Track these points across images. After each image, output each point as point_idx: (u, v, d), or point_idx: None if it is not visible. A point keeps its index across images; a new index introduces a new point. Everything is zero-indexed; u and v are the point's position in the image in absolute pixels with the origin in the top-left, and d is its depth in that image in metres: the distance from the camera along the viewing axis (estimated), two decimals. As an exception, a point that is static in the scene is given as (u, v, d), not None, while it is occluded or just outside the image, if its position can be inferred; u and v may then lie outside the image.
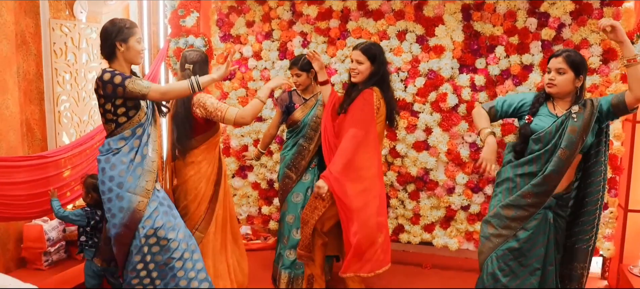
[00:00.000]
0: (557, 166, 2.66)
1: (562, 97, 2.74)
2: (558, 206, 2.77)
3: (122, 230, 2.78)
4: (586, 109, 2.67)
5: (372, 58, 3.22)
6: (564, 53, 2.70)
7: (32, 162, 3.49)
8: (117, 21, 2.80)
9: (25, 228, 3.80)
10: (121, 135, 2.77)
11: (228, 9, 4.59)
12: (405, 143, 4.21)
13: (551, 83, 2.71)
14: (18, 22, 3.80)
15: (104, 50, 2.81)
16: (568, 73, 2.68)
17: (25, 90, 3.89)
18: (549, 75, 2.74)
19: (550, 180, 2.68)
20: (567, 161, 2.65)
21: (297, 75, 3.65)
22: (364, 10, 4.24)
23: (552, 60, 2.73)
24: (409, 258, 4.49)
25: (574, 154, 2.65)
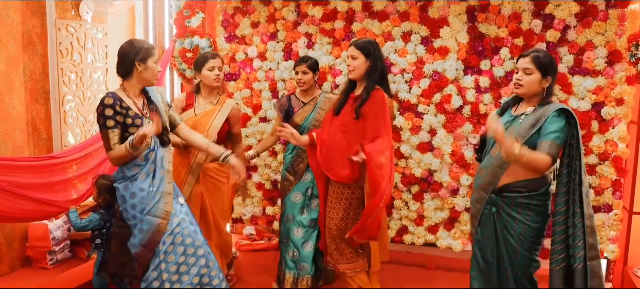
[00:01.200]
0: (487, 161, 2.74)
1: (529, 97, 2.69)
2: (503, 201, 2.67)
3: (141, 250, 2.81)
4: (535, 115, 2.61)
5: (366, 52, 3.19)
6: (532, 54, 2.66)
7: (42, 163, 3.51)
8: (136, 42, 2.84)
9: (30, 227, 3.82)
10: (135, 162, 2.78)
11: (233, 10, 4.60)
12: (409, 144, 4.21)
13: (518, 84, 2.68)
14: (25, 22, 3.82)
15: (120, 69, 2.83)
16: (535, 74, 2.63)
17: (31, 90, 3.91)
18: (516, 75, 2.70)
19: (482, 174, 2.75)
20: (497, 159, 2.65)
21: (304, 72, 3.64)
22: (368, 11, 4.25)
23: (520, 60, 2.68)
24: (413, 259, 4.49)
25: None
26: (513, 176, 2.64)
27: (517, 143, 2.47)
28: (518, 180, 2.63)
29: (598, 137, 3.83)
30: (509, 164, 2.61)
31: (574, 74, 3.86)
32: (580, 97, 3.83)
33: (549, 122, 2.54)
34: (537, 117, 2.59)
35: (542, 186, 2.64)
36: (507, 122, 2.72)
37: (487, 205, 2.75)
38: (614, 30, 3.75)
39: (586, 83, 3.81)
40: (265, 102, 4.57)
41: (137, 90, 2.86)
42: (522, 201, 2.64)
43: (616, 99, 3.77)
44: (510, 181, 2.65)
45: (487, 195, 2.73)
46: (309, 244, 3.66)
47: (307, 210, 3.68)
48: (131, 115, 2.77)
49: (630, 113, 3.78)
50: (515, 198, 2.65)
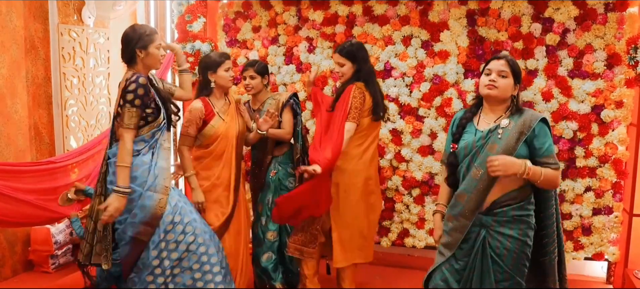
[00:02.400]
0: (468, 185, 2.48)
1: (498, 103, 2.52)
2: (495, 220, 2.46)
3: (142, 228, 2.78)
4: (516, 126, 2.44)
5: (351, 58, 3.33)
6: (507, 57, 2.51)
7: (41, 167, 3.52)
8: (137, 28, 2.85)
9: (32, 231, 3.84)
10: (141, 138, 2.79)
11: (234, 14, 4.63)
12: (410, 148, 4.23)
13: (492, 85, 2.47)
14: (27, 27, 3.85)
15: (124, 56, 2.85)
16: (509, 78, 2.48)
17: (33, 95, 3.94)
18: (489, 76, 2.50)
19: (462, 200, 2.49)
20: (482, 180, 2.44)
21: (252, 77, 3.60)
22: (369, 15, 4.27)
23: (494, 62, 2.51)
24: (414, 263, 4.49)
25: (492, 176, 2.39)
26: (501, 190, 2.44)
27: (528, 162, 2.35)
28: (506, 192, 2.45)
29: (598, 139, 3.85)
30: (495, 181, 2.42)
31: (573, 77, 3.88)
32: (580, 100, 3.85)
33: (541, 137, 2.43)
34: (520, 130, 2.43)
35: (529, 194, 2.48)
36: (481, 139, 2.50)
37: (473, 229, 2.49)
38: (613, 34, 3.77)
39: (586, 86, 3.83)
40: (267, 106, 4.58)
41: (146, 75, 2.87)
42: (514, 214, 2.45)
43: (616, 102, 3.79)
44: (499, 195, 2.45)
45: (470, 222, 2.48)
46: (266, 256, 3.64)
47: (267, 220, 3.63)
48: (152, 98, 2.79)
49: (629, 116, 3.80)
50: (506, 212, 2.45)
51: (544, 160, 2.41)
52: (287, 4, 4.46)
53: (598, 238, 3.93)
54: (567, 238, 3.97)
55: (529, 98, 3.94)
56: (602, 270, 4.17)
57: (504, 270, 2.45)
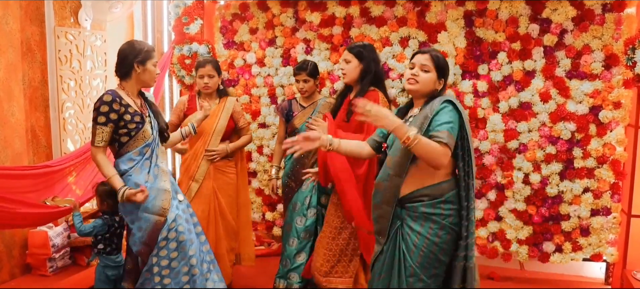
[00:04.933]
0: (383, 173, 2.50)
1: (419, 96, 2.52)
2: (407, 214, 2.45)
3: (142, 248, 2.85)
4: (422, 112, 2.42)
5: (359, 56, 3.20)
6: (431, 52, 2.49)
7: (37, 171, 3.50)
8: (136, 44, 2.87)
9: (30, 234, 3.82)
10: (128, 156, 2.81)
11: (232, 16, 4.62)
12: (408, 149, 4.22)
13: (413, 80, 2.46)
14: (23, 30, 3.84)
15: (119, 70, 2.86)
16: (432, 72, 2.46)
17: (30, 97, 3.93)
18: (411, 70, 2.49)
19: (380, 188, 2.51)
20: (394, 167, 2.43)
21: (305, 80, 3.63)
22: (366, 16, 4.27)
23: (418, 56, 2.50)
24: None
25: (402, 160, 2.40)
26: (414, 184, 2.42)
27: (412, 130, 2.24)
28: (420, 188, 2.41)
29: (596, 140, 3.84)
30: (406, 171, 2.41)
31: (571, 78, 3.87)
32: (578, 101, 3.85)
33: (439, 114, 2.34)
34: (425, 114, 2.38)
35: (447, 192, 2.40)
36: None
37: (394, 219, 2.50)
38: (611, 34, 3.76)
39: (583, 87, 3.82)
40: (264, 107, 4.58)
41: (135, 91, 2.90)
42: (424, 211, 2.40)
43: (614, 102, 3.78)
44: (412, 189, 2.42)
45: (392, 208, 2.48)
46: (301, 256, 3.63)
47: (303, 219, 3.64)
48: (131, 112, 2.79)
49: (627, 116, 3.79)
50: (417, 208, 2.41)
51: (433, 134, 2.29)
52: (284, 5, 4.45)
53: (596, 239, 3.92)
54: (565, 239, 3.96)
55: (527, 99, 3.93)
56: (600, 271, 4.17)
57: (409, 265, 2.41)
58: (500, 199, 4.11)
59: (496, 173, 4.08)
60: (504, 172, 4.05)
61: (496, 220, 4.14)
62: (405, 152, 2.36)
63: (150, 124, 2.90)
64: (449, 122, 2.31)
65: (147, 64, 2.83)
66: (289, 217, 3.71)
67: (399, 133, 2.23)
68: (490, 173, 4.09)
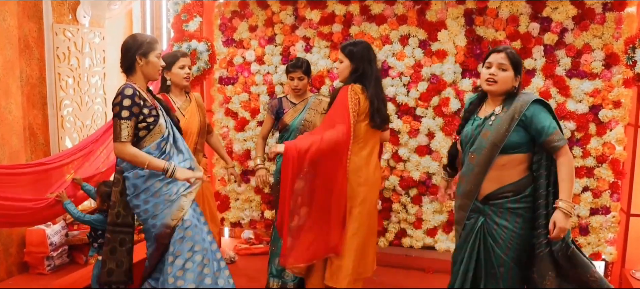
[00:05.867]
0: (467, 169, 2.64)
1: (498, 95, 2.60)
2: (491, 210, 2.58)
3: (164, 230, 2.80)
4: (508, 112, 2.51)
5: (350, 56, 3.14)
6: (506, 50, 2.57)
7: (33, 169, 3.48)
8: (138, 36, 2.83)
9: (27, 232, 3.80)
10: (147, 150, 2.77)
11: (231, 14, 4.60)
12: (407, 148, 4.22)
13: (492, 80, 2.56)
14: (21, 26, 3.81)
15: (123, 64, 2.82)
16: (509, 71, 2.55)
17: (28, 95, 3.90)
18: (489, 70, 2.58)
19: (463, 181, 2.67)
20: (478, 165, 2.56)
21: (300, 78, 3.61)
22: (366, 14, 4.25)
23: (494, 55, 2.58)
24: (412, 263, 4.49)
25: (487, 158, 2.52)
26: (497, 182, 2.55)
27: (567, 216, 2.42)
28: (503, 185, 2.54)
29: (596, 139, 3.84)
30: (490, 169, 2.54)
31: (571, 77, 3.87)
32: (578, 100, 3.84)
33: (536, 116, 2.46)
34: (511, 115, 2.49)
35: (528, 187, 2.54)
36: (478, 127, 2.62)
37: (472, 213, 2.65)
38: (611, 33, 3.77)
39: (584, 86, 3.82)
40: (263, 105, 4.56)
41: (144, 85, 2.85)
42: (510, 207, 2.54)
43: (613, 102, 3.78)
44: (497, 187, 2.55)
45: (471, 202, 2.63)
46: None
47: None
48: (148, 106, 2.76)
49: (627, 116, 3.80)
50: (502, 204, 2.55)
51: (549, 140, 2.44)
52: (283, 3, 4.43)
53: (595, 238, 3.92)
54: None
55: (526, 98, 3.92)
56: (599, 270, 4.14)
57: (499, 256, 2.55)
58: (499, 198, 4.10)
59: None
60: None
61: (495, 219, 4.14)
62: (489, 154, 2.53)
63: (164, 119, 2.86)
64: (549, 120, 2.46)
65: (149, 56, 2.79)
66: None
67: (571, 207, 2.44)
68: (489, 172, 4.09)
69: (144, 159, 2.72)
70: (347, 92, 3.09)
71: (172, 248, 2.81)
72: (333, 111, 3.13)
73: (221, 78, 4.66)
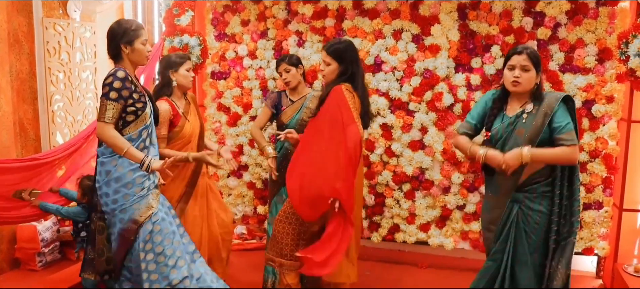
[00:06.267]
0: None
1: (522, 94, 2.71)
2: (526, 196, 2.69)
3: (130, 225, 2.77)
4: (540, 109, 2.62)
5: (338, 58, 3.07)
6: (526, 50, 2.65)
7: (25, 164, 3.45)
8: (123, 22, 2.80)
9: (18, 228, 3.79)
10: (129, 136, 2.74)
11: (223, 8, 4.57)
12: (400, 143, 4.21)
13: (516, 81, 2.66)
14: (10, 20, 3.77)
15: (110, 51, 2.80)
16: (532, 71, 2.64)
17: (18, 90, 3.87)
18: (512, 72, 2.67)
19: (499, 181, 2.75)
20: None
21: (287, 70, 3.58)
22: (359, 9, 4.23)
23: (516, 57, 2.66)
24: (405, 258, 4.48)
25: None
26: (530, 169, 2.66)
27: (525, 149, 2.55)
28: (535, 171, 2.66)
29: (588, 134, 3.84)
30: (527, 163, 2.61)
31: (564, 72, 3.86)
32: (571, 95, 3.83)
33: (559, 114, 2.59)
34: (544, 112, 2.62)
35: (555, 169, 2.66)
36: (510, 125, 2.70)
37: (509, 204, 2.74)
38: (604, 28, 3.75)
39: (577, 81, 3.81)
40: (256, 100, 4.54)
41: (132, 71, 2.82)
42: (543, 190, 2.67)
43: (606, 97, 3.78)
44: (529, 174, 2.67)
45: (509, 199, 2.73)
46: None
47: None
48: (138, 92, 2.75)
49: (620, 111, 3.79)
50: (536, 189, 2.68)
51: (560, 138, 2.57)
52: (276, -3, 4.41)
53: (588, 232, 3.93)
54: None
55: (519, 93, 3.92)
56: (591, 265, 4.17)
57: (533, 242, 2.68)
58: (492, 193, 4.10)
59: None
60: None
61: (488, 214, 4.14)
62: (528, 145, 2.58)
63: (150, 108, 2.85)
64: (568, 121, 2.58)
65: (135, 44, 2.76)
66: (274, 212, 3.65)
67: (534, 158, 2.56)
68: (482, 167, 4.09)
69: (123, 145, 2.69)
70: (343, 91, 3.01)
71: (142, 244, 2.78)
72: (334, 113, 2.99)
73: (213, 73, 4.64)
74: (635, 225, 3.94)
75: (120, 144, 2.69)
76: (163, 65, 3.39)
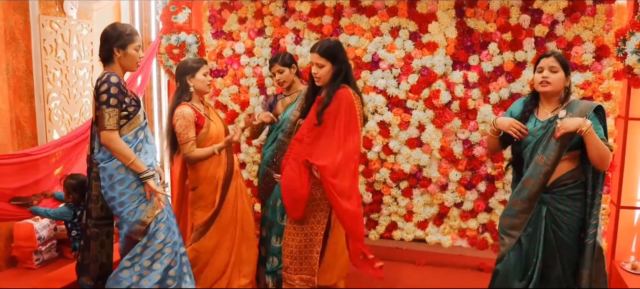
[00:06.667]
0: (534, 170, 2.74)
1: (552, 96, 2.78)
2: (553, 198, 2.76)
3: (138, 227, 2.81)
4: (573, 116, 2.67)
5: (332, 58, 3.05)
6: (554, 53, 2.75)
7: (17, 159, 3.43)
8: (118, 26, 2.79)
9: (15, 226, 3.77)
10: (125, 137, 2.75)
11: (220, 6, 4.56)
12: (398, 140, 4.20)
13: (546, 82, 2.74)
14: (7, 18, 3.76)
15: (101, 53, 2.80)
16: (560, 72, 2.73)
17: (14, 88, 3.85)
18: (541, 74, 2.76)
19: (529, 184, 2.77)
20: (546, 165, 2.71)
21: (280, 71, 3.57)
22: (356, 6, 4.22)
23: (544, 60, 2.76)
24: (402, 255, 4.49)
25: (557, 158, 2.69)
26: (558, 172, 2.72)
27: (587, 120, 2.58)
28: (563, 173, 2.73)
29: (586, 131, 3.83)
30: (558, 165, 2.69)
31: (562, 69, 3.86)
32: (569, 92, 3.83)
33: (595, 124, 2.62)
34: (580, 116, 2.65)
35: (582, 174, 2.75)
36: (541, 128, 2.76)
37: (537, 206, 2.79)
38: (602, 25, 3.75)
39: (574, 78, 3.81)
40: (253, 98, 4.53)
41: (121, 76, 2.81)
42: (571, 193, 2.74)
43: (604, 94, 3.77)
44: (557, 177, 2.73)
45: (536, 203, 2.78)
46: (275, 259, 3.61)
47: (285, 216, 3.45)
48: (129, 95, 2.76)
49: (617, 108, 3.79)
50: (564, 191, 2.74)
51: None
52: (273, -6, 4.40)
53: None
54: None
55: (517, 90, 3.92)
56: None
57: (562, 240, 2.76)
58: (490, 190, 4.11)
59: (486, 164, 4.08)
60: (494, 163, 4.05)
61: (486, 211, 4.15)
62: (558, 154, 2.67)
63: (143, 110, 2.86)
64: (601, 129, 2.66)
65: (128, 49, 2.76)
66: (270, 214, 3.63)
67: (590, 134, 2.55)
68: (480, 165, 4.09)
69: (130, 155, 2.72)
70: (352, 98, 3.03)
71: (144, 240, 2.81)
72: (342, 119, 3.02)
73: (210, 70, 4.61)
74: (633, 222, 3.94)
75: (127, 154, 2.72)
76: (180, 71, 3.37)
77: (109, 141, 2.69)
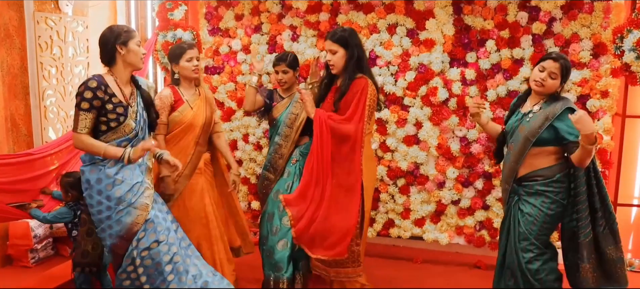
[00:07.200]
0: (506, 157, 2.98)
1: (540, 95, 2.85)
2: (523, 191, 2.88)
3: (118, 241, 2.76)
4: (542, 113, 2.77)
5: (344, 44, 3.09)
6: (561, 60, 2.77)
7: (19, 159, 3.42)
8: (115, 27, 2.78)
9: (11, 225, 3.76)
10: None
11: (217, 2, 4.54)
12: (395, 137, 4.20)
13: (540, 84, 2.79)
14: (1, 14, 3.74)
15: (104, 57, 2.76)
16: (557, 80, 2.78)
17: (9, 85, 3.83)
18: (540, 73, 2.79)
19: (504, 167, 3.00)
20: (513, 155, 2.87)
21: (284, 72, 3.56)
22: (354, 3, 4.21)
23: (549, 62, 2.77)
24: (400, 253, 4.48)
25: (521, 150, 2.82)
26: (529, 167, 2.84)
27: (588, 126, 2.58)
28: (534, 169, 2.83)
29: (583, 129, 3.83)
30: (524, 158, 2.83)
31: (559, 66, 3.86)
32: (566, 90, 3.82)
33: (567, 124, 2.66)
34: (546, 115, 2.75)
35: (557, 173, 2.80)
36: (516, 121, 2.91)
37: (511, 195, 2.97)
38: (599, 23, 3.75)
39: (572, 76, 3.78)
40: (250, 95, 4.51)
41: (125, 77, 2.79)
42: (539, 189, 2.82)
43: (601, 91, 3.77)
44: (529, 171, 2.84)
45: (510, 186, 2.95)
46: (282, 243, 3.51)
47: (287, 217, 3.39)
48: (114, 102, 2.70)
49: (615, 106, 3.79)
50: (532, 186, 2.84)
51: (570, 144, 2.69)
52: (270, -9, 4.38)
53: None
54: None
55: (515, 88, 3.91)
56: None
57: (523, 231, 2.86)
58: (487, 188, 4.10)
59: (484, 161, 4.08)
60: (491, 161, 4.04)
61: (483, 209, 4.15)
62: (523, 147, 2.81)
63: (135, 118, 2.78)
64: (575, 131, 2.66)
65: (129, 44, 2.73)
66: (270, 207, 3.62)
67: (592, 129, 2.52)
68: (477, 162, 4.09)
69: (99, 147, 2.68)
70: (368, 88, 3.05)
71: (135, 242, 2.76)
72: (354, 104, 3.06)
73: (207, 67, 4.61)
74: (630, 220, 3.95)
75: (96, 147, 2.68)
76: (167, 58, 3.49)
77: (77, 142, 2.70)
